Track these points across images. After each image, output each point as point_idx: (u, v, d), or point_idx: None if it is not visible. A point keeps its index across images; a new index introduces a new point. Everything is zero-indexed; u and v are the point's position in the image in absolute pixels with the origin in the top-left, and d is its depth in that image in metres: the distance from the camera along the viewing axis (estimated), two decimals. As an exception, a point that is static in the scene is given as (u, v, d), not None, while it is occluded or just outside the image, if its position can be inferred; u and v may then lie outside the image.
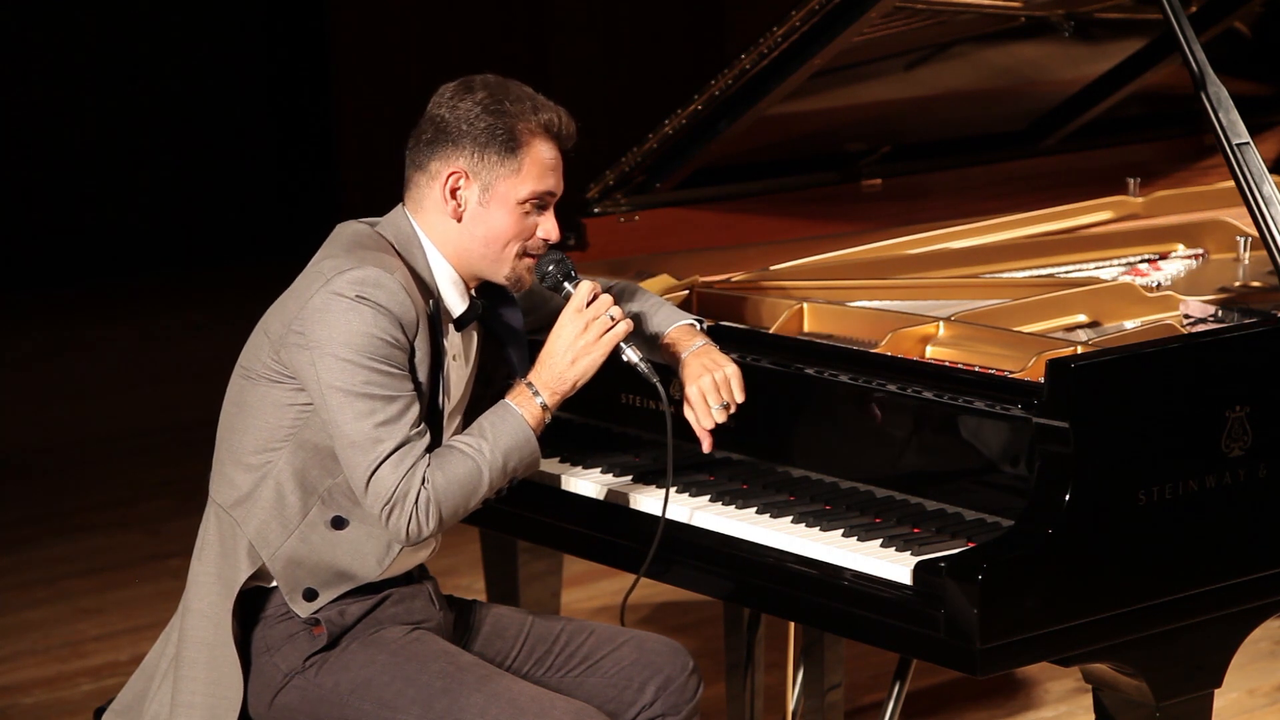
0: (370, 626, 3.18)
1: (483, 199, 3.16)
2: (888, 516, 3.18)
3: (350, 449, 3.05)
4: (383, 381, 3.05)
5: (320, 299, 3.06)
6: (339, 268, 3.08)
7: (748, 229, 4.29)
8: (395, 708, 3.10)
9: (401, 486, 3.04)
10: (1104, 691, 3.14)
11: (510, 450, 3.13)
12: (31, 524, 6.45)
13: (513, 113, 3.15)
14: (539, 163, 3.17)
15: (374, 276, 3.06)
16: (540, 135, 3.18)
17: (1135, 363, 3.05)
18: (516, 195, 3.16)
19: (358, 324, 3.04)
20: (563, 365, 3.18)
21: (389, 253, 3.15)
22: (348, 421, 3.04)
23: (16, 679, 5.13)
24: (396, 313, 3.06)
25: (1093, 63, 4.64)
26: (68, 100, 10.16)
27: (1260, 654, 4.95)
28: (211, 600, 3.17)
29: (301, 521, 3.14)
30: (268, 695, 3.16)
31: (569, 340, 3.18)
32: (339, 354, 3.04)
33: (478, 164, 3.15)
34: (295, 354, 3.08)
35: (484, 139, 3.14)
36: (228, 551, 3.16)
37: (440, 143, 3.16)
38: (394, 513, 3.05)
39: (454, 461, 3.09)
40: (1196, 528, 3.06)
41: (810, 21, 3.87)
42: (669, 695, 3.29)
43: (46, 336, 9.26)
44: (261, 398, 3.14)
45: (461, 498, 3.09)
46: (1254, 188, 3.34)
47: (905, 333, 3.38)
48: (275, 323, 3.14)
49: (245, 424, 3.16)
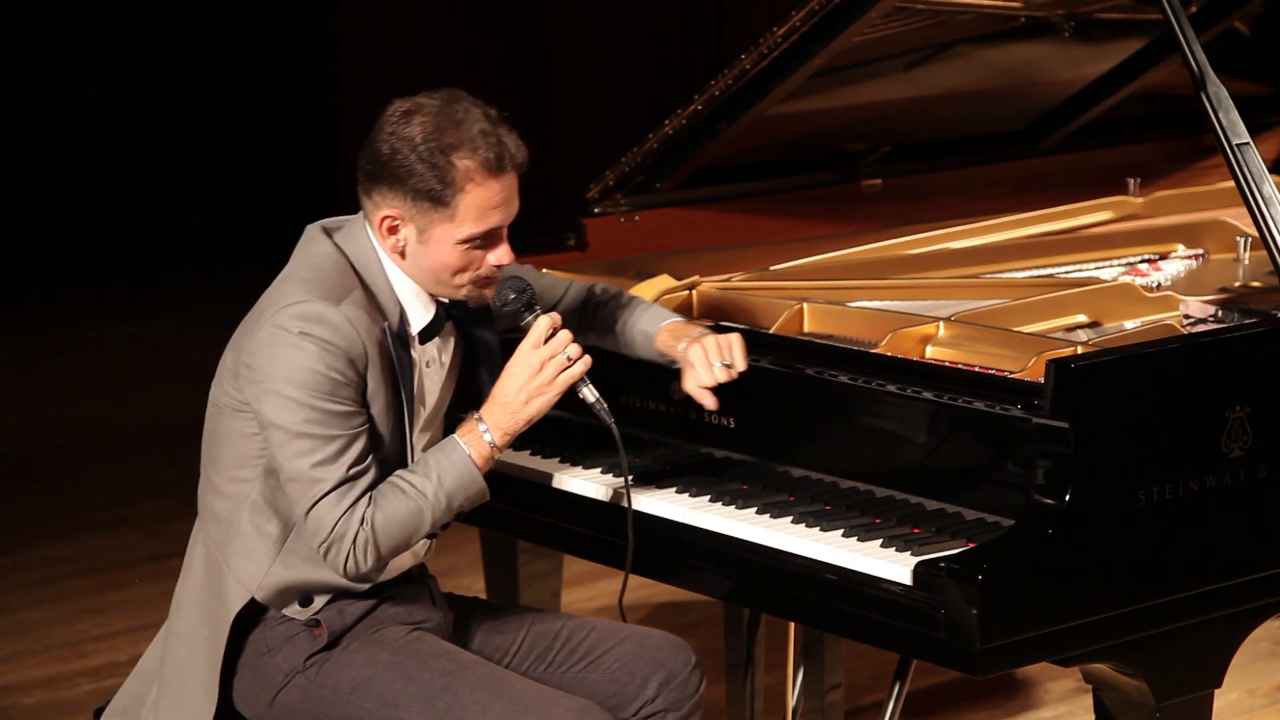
0: (371, 626, 3.18)
1: (421, 239, 3.09)
2: (888, 516, 3.18)
3: (290, 484, 3.05)
4: (323, 419, 3.02)
5: (266, 333, 3.04)
6: (286, 299, 3.05)
7: (748, 229, 4.29)
8: (397, 706, 3.10)
9: (339, 527, 3.03)
10: (1104, 692, 3.14)
11: (455, 490, 3.10)
12: (31, 524, 6.45)
13: (447, 157, 3.03)
14: (476, 206, 3.06)
15: (318, 312, 3.02)
16: (479, 176, 3.05)
17: (1135, 363, 3.05)
18: (454, 237, 3.08)
19: (301, 360, 3.01)
20: (516, 405, 3.13)
21: (346, 275, 3.10)
22: (287, 459, 3.03)
23: (16, 679, 5.13)
24: (343, 347, 3.02)
25: (1093, 63, 4.64)
26: (68, 100, 10.15)
27: (1260, 654, 4.95)
28: (190, 626, 3.18)
29: (282, 548, 3.13)
30: (268, 695, 3.16)
31: (523, 380, 3.13)
32: (281, 390, 3.02)
33: (412, 209, 3.06)
34: (246, 387, 3.07)
35: (416, 186, 3.04)
36: (212, 583, 3.16)
37: (376, 180, 3.08)
38: (331, 550, 3.05)
39: (395, 502, 3.06)
40: (1196, 528, 3.06)
41: (810, 21, 3.87)
42: (671, 691, 3.28)
43: (46, 336, 9.25)
44: (228, 427, 3.13)
45: (402, 538, 3.08)
46: (1254, 188, 3.34)
47: (905, 333, 3.38)
48: (233, 350, 3.13)
49: (218, 453, 3.16)
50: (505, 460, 3.60)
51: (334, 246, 3.14)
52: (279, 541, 3.13)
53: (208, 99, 10.50)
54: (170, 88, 10.40)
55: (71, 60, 10.14)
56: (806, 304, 3.58)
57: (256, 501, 3.12)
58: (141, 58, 10.31)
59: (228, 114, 10.55)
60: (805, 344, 3.44)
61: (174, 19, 10.36)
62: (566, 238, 4.12)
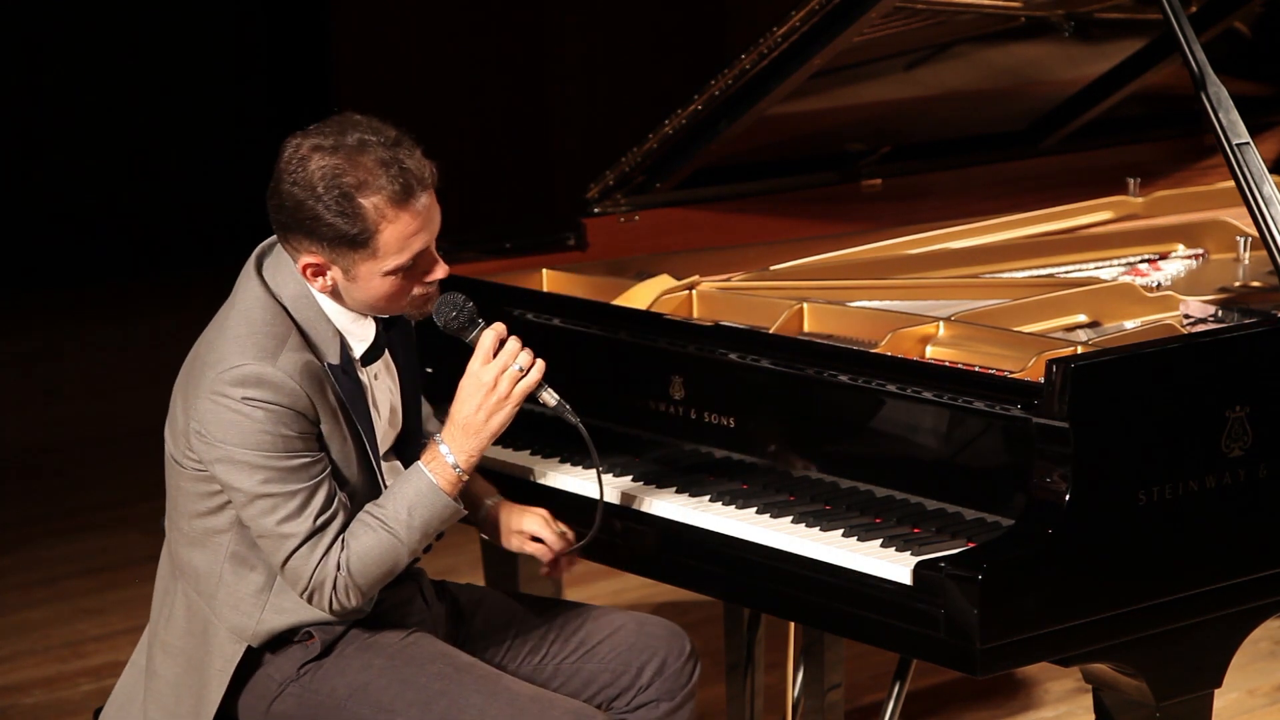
0: (364, 631, 3.16)
1: (349, 277, 3.03)
2: (888, 516, 3.18)
3: (262, 540, 3.05)
4: (281, 477, 2.99)
5: (208, 402, 3.00)
6: (221, 363, 3.00)
7: (748, 229, 4.29)
8: (394, 710, 3.09)
9: (316, 576, 3.03)
10: (1104, 691, 3.14)
11: (428, 520, 3.08)
12: (31, 524, 6.45)
13: (352, 202, 2.95)
14: (396, 239, 2.99)
15: (254, 374, 2.98)
16: (390, 212, 2.97)
17: (1135, 363, 3.05)
18: (381, 270, 3.02)
19: (247, 425, 2.98)
20: (476, 424, 3.08)
21: (279, 320, 3.03)
22: (253, 519, 3.02)
23: (16, 679, 5.13)
24: (287, 404, 2.99)
25: (1093, 63, 4.64)
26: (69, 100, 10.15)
27: (1260, 654, 4.95)
28: (177, 673, 3.15)
29: (270, 595, 3.11)
30: (262, 705, 3.14)
31: (479, 399, 3.07)
32: (234, 456, 2.99)
33: (331, 254, 3.00)
34: (200, 449, 3.04)
35: (330, 235, 2.97)
36: (196, 634, 3.13)
37: (290, 230, 3.01)
38: (314, 597, 3.05)
39: (368, 541, 3.04)
40: (1196, 528, 3.06)
41: (810, 21, 3.87)
42: (664, 680, 3.27)
43: (47, 336, 9.25)
44: (191, 488, 3.10)
45: (380, 573, 3.07)
46: (1254, 188, 3.34)
47: (905, 333, 3.38)
48: (180, 408, 3.08)
49: (185, 507, 3.13)
50: (505, 460, 3.60)
51: (264, 290, 3.06)
52: (265, 589, 3.10)
53: (208, 99, 10.49)
54: (171, 87, 10.40)
55: (72, 60, 10.13)
56: (806, 304, 3.58)
57: (237, 552, 3.10)
58: (142, 58, 10.31)
59: (228, 114, 10.55)
60: (805, 344, 3.44)
61: (175, 19, 10.36)
62: (566, 238, 4.13)
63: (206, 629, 3.12)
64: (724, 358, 3.41)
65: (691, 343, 3.45)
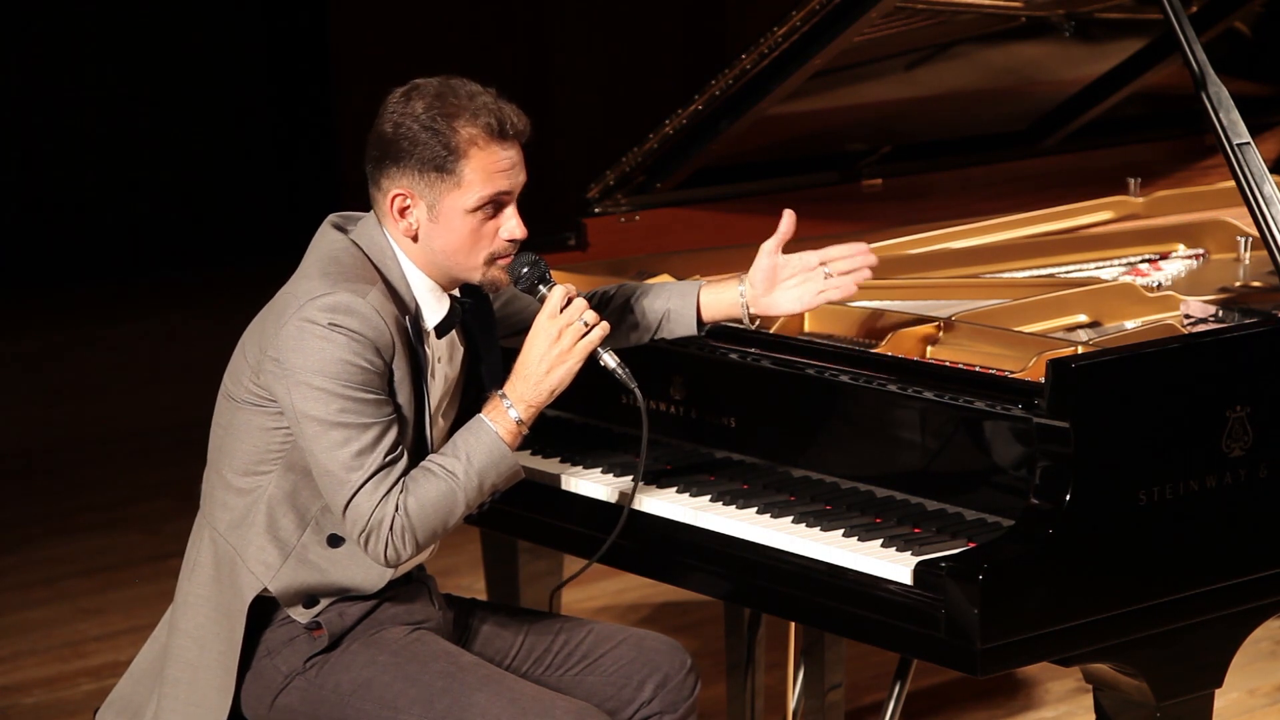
0: (371, 627, 3.18)
1: (432, 215, 3.11)
2: (888, 516, 3.18)
3: (326, 477, 3.05)
4: (358, 409, 3.02)
5: (294, 326, 3.04)
6: (312, 292, 3.05)
7: (748, 229, 4.28)
8: (397, 707, 3.10)
9: (377, 514, 3.03)
10: (1104, 691, 3.14)
11: (486, 469, 3.10)
12: (31, 524, 6.45)
13: (448, 124, 3.08)
14: (482, 169, 3.09)
15: (346, 302, 3.03)
16: (481, 140, 3.08)
17: (1135, 363, 3.05)
18: (464, 205, 3.10)
19: (332, 351, 3.01)
20: (538, 375, 3.13)
21: (365, 268, 3.11)
22: (323, 450, 3.03)
23: (16, 679, 5.13)
24: (371, 337, 3.03)
25: (1093, 63, 4.64)
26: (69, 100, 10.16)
27: (1260, 654, 4.95)
28: (199, 622, 3.17)
29: (297, 543, 3.13)
30: (268, 697, 3.16)
31: (543, 349, 3.13)
32: (313, 382, 3.02)
33: (419, 183, 3.09)
34: (272, 380, 3.07)
35: (422, 156, 3.08)
36: (223, 578, 3.15)
37: (384, 161, 3.12)
38: (370, 539, 3.05)
39: (428, 486, 3.06)
40: (1197, 528, 3.06)
41: (810, 21, 3.87)
42: (667, 693, 3.29)
43: (48, 336, 9.26)
44: (246, 422, 3.12)
45: (438, 521, 3.08)
46: (1254, 188, 3.34)
47: (905, 333, 3.38)
48: (253, 346, 3.12)
49: (233, 447, 3.15)
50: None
51: (349, 241, 3.15)
52: (294, 538, 3.12)
53: (209, 99, 10.50)
54: (171, 87, 10.40)
55: (72, 59, 10.14)
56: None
57: (275, 495, 3.12)
58: (142, 57, 10.31)
59: (229, 114, 10.55)
60: (805, 344, 3.44)
61: (175, 19, 10.36)
62: (567, 238, 4.13)
63: (234, 571, 3.14)
64: (724, 358, 3.41)
65: (691, 342, 3.45)
